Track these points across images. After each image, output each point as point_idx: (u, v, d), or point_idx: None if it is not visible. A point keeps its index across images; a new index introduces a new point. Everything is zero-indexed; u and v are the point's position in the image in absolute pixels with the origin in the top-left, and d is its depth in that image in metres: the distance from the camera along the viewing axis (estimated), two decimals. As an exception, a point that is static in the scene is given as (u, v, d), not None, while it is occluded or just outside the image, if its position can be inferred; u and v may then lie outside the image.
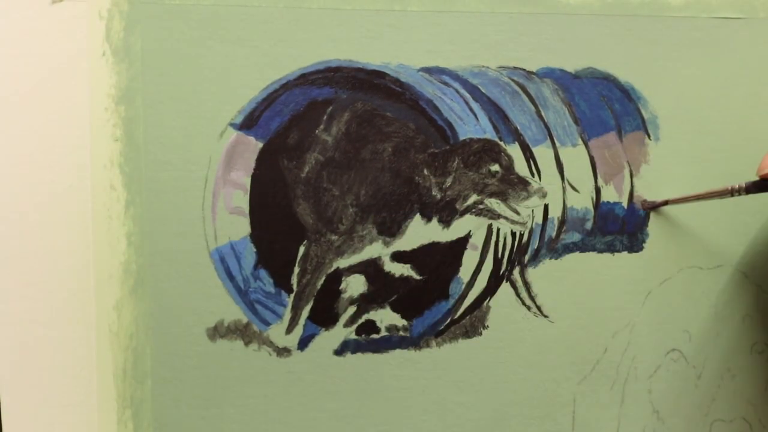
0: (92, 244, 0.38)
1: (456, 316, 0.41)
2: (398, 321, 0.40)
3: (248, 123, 0.39)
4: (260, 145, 0.39)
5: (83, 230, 0.38)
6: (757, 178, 0.36)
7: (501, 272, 0.41)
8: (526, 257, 0.41)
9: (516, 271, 0.41)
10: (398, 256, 0.40)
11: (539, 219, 0.41)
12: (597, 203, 0.41)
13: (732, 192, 0.36)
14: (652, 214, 0.42)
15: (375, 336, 0.40)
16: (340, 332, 0.40)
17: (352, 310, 0.40)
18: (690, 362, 0.42)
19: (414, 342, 0.40)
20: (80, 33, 0.37)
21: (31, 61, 0.37)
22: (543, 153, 0.41)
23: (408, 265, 0.40)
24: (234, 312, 0.39)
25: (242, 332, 0.39)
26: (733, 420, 0.43)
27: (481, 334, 0.40)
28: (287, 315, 0.39)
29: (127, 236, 0.38)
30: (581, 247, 0.41)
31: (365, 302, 0.40)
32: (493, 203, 0.40)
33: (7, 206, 0.37)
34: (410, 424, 0.40)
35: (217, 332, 0.39)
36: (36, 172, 0.38)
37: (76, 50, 0.37)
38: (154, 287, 0.38)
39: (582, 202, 0.41)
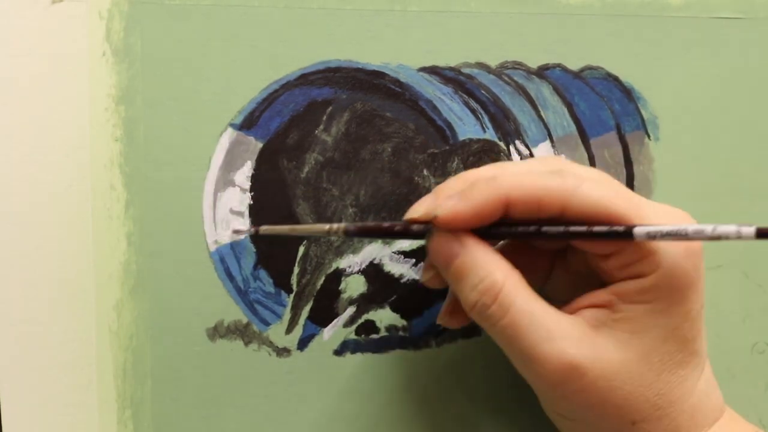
0: (92, 244, 0.38)
1: (456, 316, 0.40)
2: (398, 321, 0.40)
3: (248, 123, 0.39)
4: (260, 145, 0.39)
5: (83, 230, 0.38)
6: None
7: (501, 272, 0.41)
8: (526, 257, 0.41)
9: (516, 271, 0.41)
10: (398, 256, 0.40)
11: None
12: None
13: (329, 232, 0.34)
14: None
15: (375, 336, 0.40)
16: (340, 332, 0.40)
17: (351, 310, 0.40)
18: (690, 362, 0.42)
19: (414, 342, 0.40)
20: (80, 33, 0.37)
21: (31, 61, 0.37)
22: (543, 153, 0.41)
23: (408, 265, 0.40)
24: (234, 312, 0.39)
25: (242, 332, 0.39)
26: (733, 420, 0.42)
27: (480, 334, 0.40)
28: (287, 315, 0.39)
29: (127, 236, 0.38)
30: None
31: (365, 302, 0.40)
32: (493, 203, 0.40)
33: (7, 206, 0.37)
34: (410, 424, 0.40)
35: (217, 332, 0.39)
36: (36, 172, 0.38)
37: (76, 50, 0.37)
38: (154, 287, 0.38)
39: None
